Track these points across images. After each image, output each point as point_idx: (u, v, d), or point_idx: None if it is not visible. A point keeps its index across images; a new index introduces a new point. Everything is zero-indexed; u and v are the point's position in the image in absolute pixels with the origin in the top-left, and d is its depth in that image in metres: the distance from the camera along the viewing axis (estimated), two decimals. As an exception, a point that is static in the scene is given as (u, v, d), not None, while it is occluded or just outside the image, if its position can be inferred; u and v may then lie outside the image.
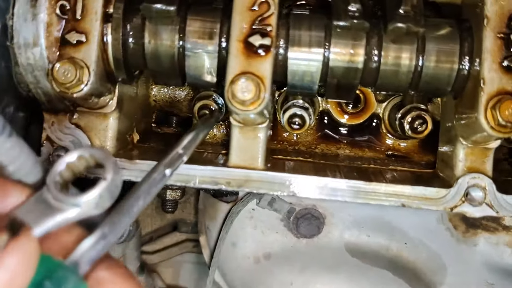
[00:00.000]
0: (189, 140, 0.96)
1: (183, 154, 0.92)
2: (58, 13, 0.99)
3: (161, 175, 0.85)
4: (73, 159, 0.71)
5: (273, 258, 1.41)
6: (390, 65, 1.02)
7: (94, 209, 0.68)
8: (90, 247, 0.70)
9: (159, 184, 0.84)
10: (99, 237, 0.71)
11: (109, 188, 0.68)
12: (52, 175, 0.69)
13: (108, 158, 0.70)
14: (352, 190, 1.08)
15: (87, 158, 0.71)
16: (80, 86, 0.98)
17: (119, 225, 0.73)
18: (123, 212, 0.75)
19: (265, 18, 0.99)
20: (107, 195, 0.68)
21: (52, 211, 0.68)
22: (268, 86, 0.98)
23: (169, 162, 0.89)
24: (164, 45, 1.04)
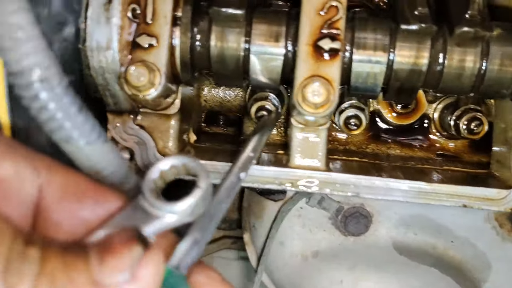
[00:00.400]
0: (255, 142, 0.99)
1: (253, 156, 0.95)
2: (129, 16, 1.01)
3: (237, 178, 0.88)
4: (166, 167, 0.73)
5: (321, 256, 1.42)
6: (454, 68, 1.04)
7: (189, 217, 0.70)
8: (186, 253, 0.72)
9: (236, 187, 0.87)
10: (192, 242, 0.73)
11: (203, 196, 0.70)
12: (147, 183, 0.72)
13: (201, 167, 0.72)
14: (413, 191, 1.10)
15: (178, 167, 0.73)
16: (151, 89, 1.00)
17: (209, 230, 0.76)
18: (209, 217, 0.77)
19: (334, 22, 1.00)
20: (201, 202, 0.70)
21: (150, 218, 0.70)
22: (337, 89, 1.00)
23: (242, 165, 0.91)
24: (230, 48, 1.06)
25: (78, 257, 0.57)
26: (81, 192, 0.72)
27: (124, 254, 0.58)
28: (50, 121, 0.67)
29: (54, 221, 0.70)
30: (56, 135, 0.69)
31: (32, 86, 0.63)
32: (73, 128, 0.68)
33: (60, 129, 0.68)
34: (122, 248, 0.59)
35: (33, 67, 0.62)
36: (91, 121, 0.71)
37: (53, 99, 0.65)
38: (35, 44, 0.63)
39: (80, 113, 0.69)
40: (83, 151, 0.72)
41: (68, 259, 0.56)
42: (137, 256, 0.59)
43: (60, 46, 0.96)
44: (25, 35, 0.62)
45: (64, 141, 0.70)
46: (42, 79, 0.63)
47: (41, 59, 0.63)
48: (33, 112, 0.66)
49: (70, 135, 0.69)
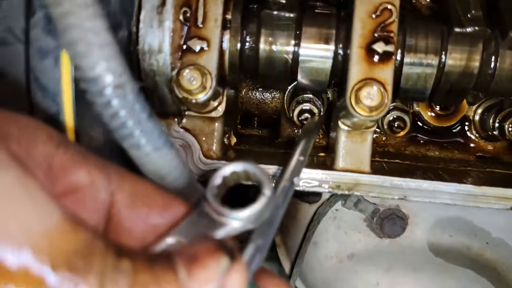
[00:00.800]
0: (304, 145, 0.98)
1: (304, 160, 0.94)
2: (181, 20, 1.00)
3: (290, 183, 0.88)
4: (227, 174, 0.72)
5: (356, 258, 1.42)
6: (506, 71, 1.04)
7: (252, 223, 0.70)
8: (250, 260, 0.71)
9: (290, 192, 0.87)
10: (255, 249, 0.72)
11: (268, 203, 0.70)
12: (211, 189, 0.71)
13: (263, 174, 0.72)
14: (461, 194, 1.09)
15: (239, 173, 0.73)
16: (203, 92, 0.99)
17: (269, 235, 0.75)
18: (269, 222, 0.77)
19: (387, 25, 1.00)
20: (265, 210, 0.70)
21: (215, 225, 0.69)
22: (391, 92, 0.99)
23: (294, 170, 0.91)
24: (279, 51, 1.05)
25: (166, 269, 0.57)
26: (150, 199, 0.72)
27: (212, 266, 0.58)
28: (121, 128, 0.66)
29: (125, 227, 0.70)
30: (126, 142, 0.69)
31: (104, 93, 0.62)
32: (142, 135, 0.68)
33: (130, 136, 0.67)
34: (210, 260, 0.58)
35: (106, 73, 0.62)
36: (159, 127, 0.71)
37: (125, 106, 0.64)
38: (109, 51, 0.62)
39: (149, 120, 0.68)
40: (150, 156, 0.71)
41: (158, 271, 0.56)
42: (225, 267, 0.58)
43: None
44: (99, 41, 0.61)
45: (134, 147, 0.69)
46: (115, 86, 0.63)
47: (114, 65, 0.62)
48: (105, 119, 0.65)
49: (139, 141, 0.68)
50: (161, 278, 0.56)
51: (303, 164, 0.95)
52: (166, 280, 0.56)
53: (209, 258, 0.58)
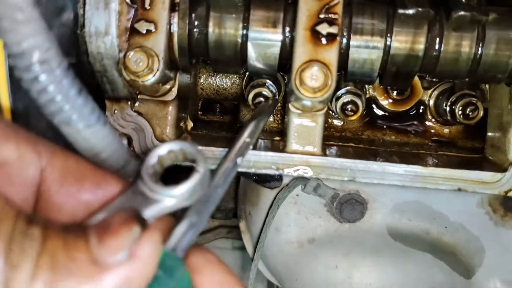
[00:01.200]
0: (252, 128, 0.99)
1: (250, 142, 0.95)
2: (128, 2, 1.01)
3: (234, 164, 0.89)
4: (164, 152, 0.74)
5: (316, 243, 1.44)
6: (451, 53, 1.05)
7: (187, 200, 0.71)
8: (182, 235, 0.73)
9: (233, 172, 0.88)
10: (189, 226, 0.74)
11: (201, 180, 0.71)
12: (146, 168, 0.72)
13: (198, 152, 0.73)
14: (410, 175, 1.11)
15: (176, 152, 0.74)
16: (150, 74, 1.00)
17: (205, 213, 0.77)
18: (206, 201, 0.78)
19: (332, 6, 1.01)
20: (199, 186, 0.71)
21: (149, 202, 0.70)
22: (335, 73, 1.00)
23: (239, 151, 0.92)
24: (228, 34, 1.06)
25: (78, 237, 0.58)
26: (82, 175, 0.72)
27: (122, 234, 0.59)
28: (50, 104, 0.67)
29: (56, 203, 0.70)
30: (56, 118, 0.69)
31: (32, 68, 0.63)
32: (72, 110, 0.68)
33: (59, 111, 0.68)
34: (121, 228, 0.59)
35: (32, 49, 0.62)
36: (91, 103, 0.71)
37: (52, 81, 0.65)
38: (34, 26, 0.62)
39: (79, 95, 0.69)
40: (82, 133, 0.72)
41: (69, 239, 0.57)
42: (135, 236, 0.59)
43: (59, 32, 0.96)
44: (24, 17, 0.61)
45: (64, 123, 0.70)
46: (42, 61, 0.63)
47: (40, 41, 0.63)
48: (33, 95, 0.66)
49: (69, 117, 0.69)
50: (72, 245, 0.57)
51: (250, 146, 0.96)
52: (77, 247, 0.57)
53: (120, 227, 0.60)
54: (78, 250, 0.56)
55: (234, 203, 1.76)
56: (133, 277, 0.58)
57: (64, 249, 0.56)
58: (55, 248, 0.55)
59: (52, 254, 0.55)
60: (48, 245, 0.55)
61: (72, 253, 0.56)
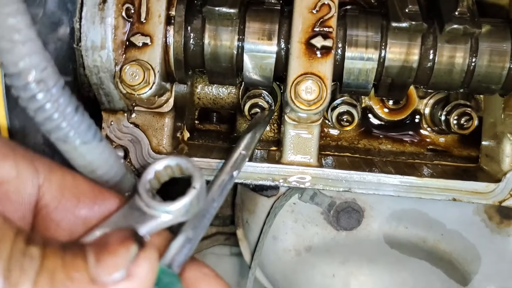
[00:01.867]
0: (248, 140, 1.00)
1: (246, 154, 0.96)
2: (124, 16, 1.02)
3: (230, 176, 0.89)
4: (160, 168, 0.74)
5: (314, 251, 1.44)
6: (444, 65, 1.06)
7: (183, 216, 0.72)
8: (178, 250, 0.73)
9: (228, 185, 0.88)
10: (185, 240, 0.74)
11: (198, 196, 0.72)
12: (143, 183, 0.73)
13: (195, 168, 0.74)
14: (405, 186, 1.12)
15: (173, 167, 0.75)
16: (146, 87, 1.01)
17: (201, 228, 0.78)
18: (201, 215, 0.79)
19: (326, 20, 1.02)
20: (195, 202, 0.72)
21: (145, 218, 0.71)
22: (329, 86, 1.01)
23: (235, 163, 0.93)
24: (224, 46, 1.07)
25: (76, 256, 0.59)
26: (79, 191, 0.73)
27: (120, 253, 0.60)
28: (47, 122, 0.67)
29: (54, 219, 0.71)
30: (53, 135, 0.70)
31: (29, 88, 0.64)
32: (69, 128, 0.69)
33: (57, 129, 0.69)
34: (119, 247, 0.60)
35: (29, 68, 0.63)
36: (87, 120, 0.72)
37: (49, 99, 0.65)
38: (31, 46, 0.63)
39: (76, 113, 0.70)
40: (79, 150, 0.72)
41: (67, 258, 0.58)
42: (133, 255, 0.60)
43: (55, 46, 0.97)
44: (22, 37, 0.62)
45: (61, 140, 0.70)
46: (39, 81, 0.64)
47: (37, 61, 0.64)
48: (30, 113, 0.67)
49: (66, 134, 0.70)
50: (70, 264, 0.57)
51: (246, 158, 0.97)
52: (75, 266, 0.58)
53: (118, 246, 0.60)
54: (77, 269, 0.57)
55: (231, 210, 1.77)
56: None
57: (63, 268, 0.56)
58: (54, 267, 0.56)
59: (51, 273, 0.55)
60: (47, 264, 0.56)
61: (70, 272, 0.57)
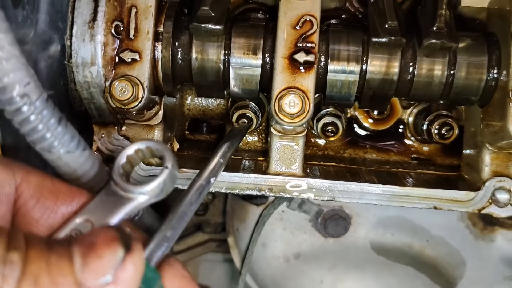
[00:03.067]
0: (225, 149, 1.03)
1: (223, 162, 1.00)
2: (113, 33, 1.05)
3: (207, 182, 0.93)
4: (131, 152, 0.78)
5: (302, 257, 1.48)
6: (424, 77, 1.09)
7: (159, 195, 0.76)
8: (157, 247, 0.77)
9: (205, 190, 0.92)
10: (162, 240, 0.78)
11: (170, 175, 0.76)
12: (116, 169, 0.77)
13: (165, 149, 0.78)
14: (387, 195, 1.15)
15: (143, 150, 0.79)
16: (135, 102, 1.04)
17: (177, 228, 0.82)
18: (179, 216, 0.83)
19: (309, 36, 1.06)
20: (169, 181, 0.76)
21: (122, 201, 0.75)
22: (312, 100, 1.05)
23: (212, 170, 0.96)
24: (210, 61, 1.10)
25: (62, 258, 0.59)
26: (57, 190, 0.76)
27: (107, 257, 0.60)
28: (32, 133, 0.72)
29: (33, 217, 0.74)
30: (38, 145, 0.74)
31: (13, 101, 0.68)
32: (53, 138, 0.74)
33: (41, 139, 0.73)
34: (105, 250, 0.61)
35: (13, 83, 0.67)
36: (71, 131, 0.77)
37: (33, 112, 0.70)
38: (15, 62, 0.67)
39: (59, 124, 0.74)
40: (63, 159, 0.77)
41: (52, 260, 0.58)
42: (119, 258, 0.61)
43: (46, 64, 1.00)
44: (5, 55, 0.66)
45: (46, 150, 0.75)
46: (23, 95, 0.68)
47: (21, 76, 0.68)
48: (16, 125, 0.71)
49: (50, 144, 0.74)
50: (55, 268, 0.58)
51: (222, 166, 1.00)
52: (60, 270, 0.58)
53: (104, 249, 0.61)
54: (62, 274, 0.58)
55: (223, 217, 1.80)
56: None
57: (48, 273, 0.57)
58: (37, 272, 0.56)
59: (35, 278, 0.56)
60: (30, 270, 0.56)
61: (55, 277, 0.57)
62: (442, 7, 1.06)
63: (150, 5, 1.07)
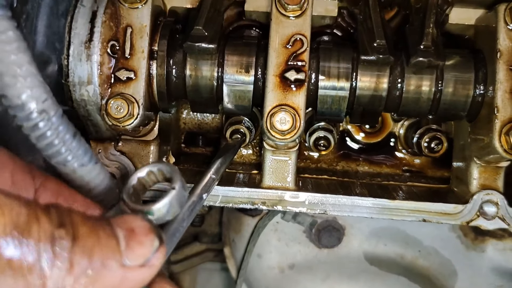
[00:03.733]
0: (218, 165, 1.06)
1: (216, 178, 1.02)
2: (109, 52, 1.08)
3: (199, 198, 0.96)
4: (143, 174, 0.81)
5: (297, 268, 1.50)
6: (412, 94, 1.12)
7: (166, 216, 0.78)
8: None
9: (198, 206, 0.95)
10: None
11: (177, 196, 0.78)
12: (127, 189, 0.80)
13: (175, 171, 0.80)
14: (377, 208, 1.17)
15: (155, 173, 0.82)
16: (131, 119, 1.07)
17: (170, 245, 0.84)
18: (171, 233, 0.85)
19: (299, 54, 1.09)
20: (176, 203, 0.78)
21: None
22: (303, 116, 1.08)
23: (205, 187, 0.99)
24: (204, 78, 1.13)
25: (110, 237, 0.65)
26: (72, 199, 0.81)
27: (147, 245, 0.68)
28: (48, 147, 0.75)
29: None
30: (54, 159, 0.78)
31: (31, 117, 0.71)
32: (68, 152, 0.77)
33: (57, 154, 0.76)
34: (145, 238, 0.68)
35: (31, 100, 0.70)
36: (84, 145, 0.80)
37: (50, 127, 0.73)
38: (32, 80, 0.71)
39: (74, 138, 0.78)
40: (77, 172, 0.80)
41: (102, 238, 0.64)
42: (156, 247, 0.69)
43: (44, 83, 1.03)
44: (23, 72, 0.69)
45: (61, 164, 0.78)
46: (40, 111, 0.71)
47: (38, 93, 0.71)
48: (33, 140, 0.74)
49: (66, 158, 0.77)
50: (105, 245, 0.64)
51: (215, 182, 1.03)
52: (110, 248, 0.64)
53: (146, 237, 0.68)
54: (112, 251, 0.64)
55: (220, 228, 1.83)
56: (146, 278, 0.68)
57: (99, 249, 0.63)
58: (91, 246, 0.62)
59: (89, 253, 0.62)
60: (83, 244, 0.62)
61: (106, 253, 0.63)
62: (429, 26, 1.09)
63: (145, 24, 1.09)
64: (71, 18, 1.08)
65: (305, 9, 1.10)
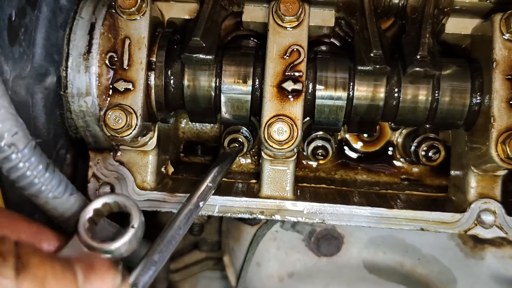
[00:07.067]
0: (215, 173, 1.06)
1: (212, 186, 1.03)
2: (107, 64, 1.09)
3: (196, 207, 0.96)
4: (99, 206, 0.81)
5: (296, 277, 1.51)
6: (409, 103, 1.13)
7: (123, 253, 0.78)
8: (144, 272, 0.80)
9: (194, 214, 0.95)
10: (149, 264, 0.82)
11: (136, 233, 0.78)
12: (82, 223, 0.78)
13: (132, 205, 0.80)
14: (375, 217, 1.18)
15: (111, 204, 0.81)
16: (129, 130, 1.08)
17: (166, 252, 0.85)
18: (167, 241, 0.86)
19: (296, 65, 1.09)
20: (134, 239, 0.78)
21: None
22: (300, 126, 1.08)
23: (201, 195, 0.99)
24: (202, 88, 1.14)
25: (66, 269, 0.64)
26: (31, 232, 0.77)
27: (108, 280, 0.67)
28: (20, 179, 0.77)
29: None
30: (27, 191, 0.79)
31: (2, 150, 0.73)
32: (40, 184, 0.79)
33: (29, 185, 0.78)
34: (106, 273, 0.68)
35: (2, 134, 0.72)
36: (58, 176, 0.81)
37: (21, 159, 0.75)
38: (3, 114, 0.72)
39: (47, 170, 0.79)
40: (50, 204, 0.82)
41: (57, 268, 0.63)
42: (117, 284, 0.69)
43: (43, 95, 1.04)
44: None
45: (34, 196, 0.80)
46: (10, 144, 0.73)
47: (8, 126, 0.73)
48: (5, 172, 0.76)
49: (39, 190, 0.79)
50: (61, 276, 0.63)
51: (212, 190, 1.03)
52: (66, 280, 0.64)
53: (106, 271, 0.68)
54: (68, 281, 0.63)
55: (219, 236, 1.83)
56: None
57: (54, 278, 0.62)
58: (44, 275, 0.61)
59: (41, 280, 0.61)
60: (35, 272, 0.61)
61: (61, 283, 0.63)
62: (426, 36, 1.10)
63: (143, 36, 1.10)
64: (69, 30, 1.09)
65: (302, 20, 1.10)
